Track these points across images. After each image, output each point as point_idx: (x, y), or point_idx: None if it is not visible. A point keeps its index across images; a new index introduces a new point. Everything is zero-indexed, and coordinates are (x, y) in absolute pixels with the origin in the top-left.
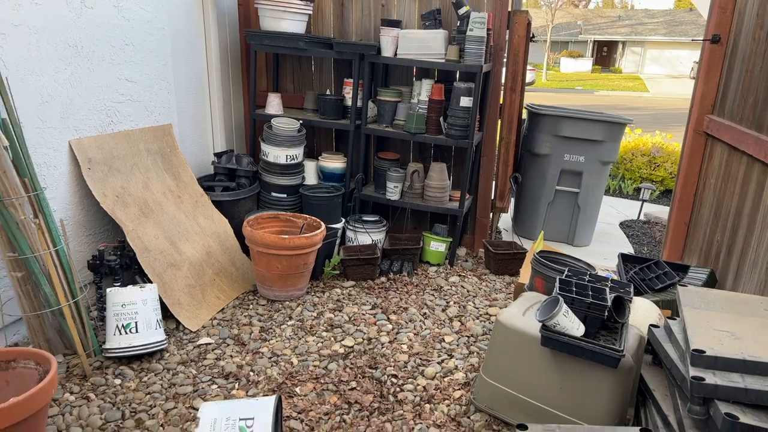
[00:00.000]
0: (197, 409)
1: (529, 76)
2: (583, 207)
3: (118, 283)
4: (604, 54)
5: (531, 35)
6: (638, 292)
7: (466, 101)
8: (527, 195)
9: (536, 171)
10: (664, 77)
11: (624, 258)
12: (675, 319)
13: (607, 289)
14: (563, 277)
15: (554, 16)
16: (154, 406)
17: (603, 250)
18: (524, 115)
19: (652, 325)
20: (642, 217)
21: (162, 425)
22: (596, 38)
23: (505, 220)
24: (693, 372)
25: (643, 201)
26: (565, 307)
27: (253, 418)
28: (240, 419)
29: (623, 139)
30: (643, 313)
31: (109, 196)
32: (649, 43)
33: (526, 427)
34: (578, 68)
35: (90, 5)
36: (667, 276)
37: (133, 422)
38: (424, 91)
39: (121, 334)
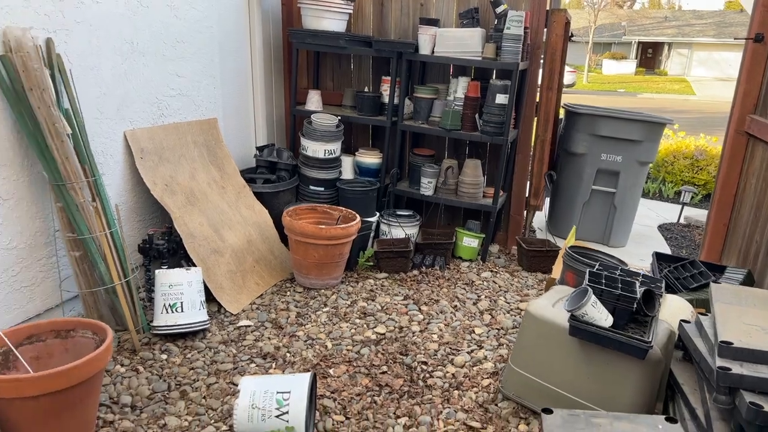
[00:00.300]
0: (237, 385)
1: (569, 78)
2: (619, 207)
3: (166, 266)
4: (649, 56)
5: (569, 34)
6: (672, 291)
7: (501, 98)
8: (562, 194)
9: (572, 170)
10: (711, 80)
11: (658, 257)
12: (707, 314)
13: (638, 283)
14: (593, 270)
15: (597, 16)
16: (197, 380)
17: (639, 251)
18: (561, 115)
19: (683, 320)
20: (682, 221)
21: (204, 398)
22: (641, 39)
23: (540, 220)
24: (720, 362)
25: (684, 204)
26: (593, 297)
27: (289, 392)
28: (277, 392)
29: (665, 142)
30: (675, 309)
31: (158, 185)
32: (696, 45)
33: (551, 411)
34: (621, 70)
35: (146, 4)
36: (702, 275)
37: (178, 393)
38: (460, 88)
39: (167, 313)
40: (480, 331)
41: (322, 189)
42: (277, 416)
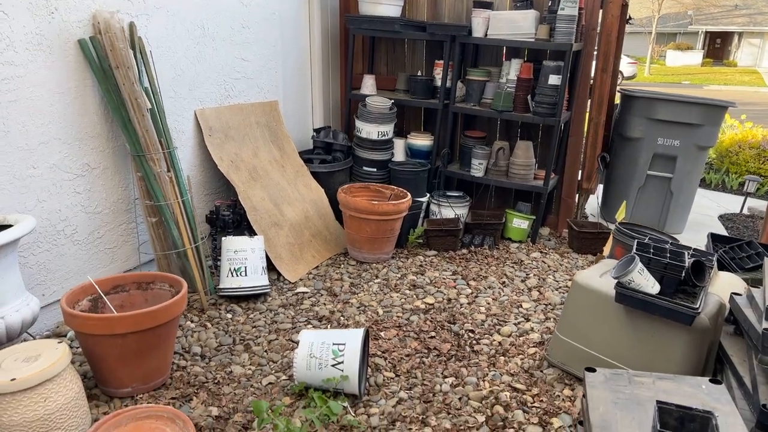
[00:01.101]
0: (296, 342)
1: (630, 70)
2: (676, 193)
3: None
4: (717, 46)
5: (627, 17)
6: (728, 271)
7: (554, 79)
8: (616, 179)
9: (627, 155)
10: None
11: (714, 238)
12: (758, 287)
13: (687, 254)
14: (642, 240)
15: (661, 5)
16: (259, 337)
17: (695, 237)
18: (617, 101)
19: (734, 293)
20: (745, 211)
21: (266, 351)
22: (708, 29)
23: (592, 206)
24: (766, 324)
25: (747, 194)
26: (640, 264)
27: (344, 344)
28: (333, 344)
29: (730, 132)
30: (728, 285)
31: (224, 161)
32: None
33: (594, 370)
34: (687, 61)
35: None
36: (759, 256)
37: (242, 347)
38: (512, 70)
39: (232, 276)
40: (527, 306)
41: (375, 170)
42: (333, 365)
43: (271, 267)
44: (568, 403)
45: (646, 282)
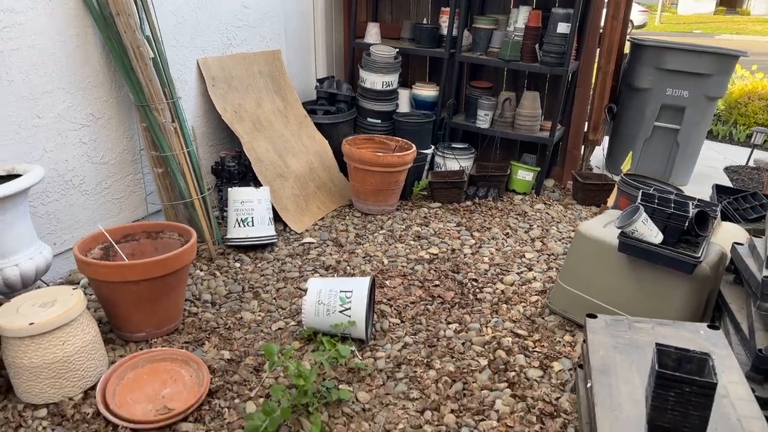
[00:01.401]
0: (303, 290)
1: (640, 18)
2: (683, 145)
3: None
4: None
5: None
6: (731, 222)
7: (563, 27)
8: (623, 131)
9: (635, 106)
10: None
11: (718, 189)
12: (760, 237)
13: (691, 204)
14: (647, 191)
15: None
16: (268, 285)
17: (700, 189)
18: (626, 51)
19: (736, 243)
20: (751, 163)
21: (275, 299)
22: None
23: (597, 158)
24: (766, 272)
25: (754, 146)
26: (644, 214)
27: (351, 291)
28: (341, 291)
29: (739, 83)
30: (730, 235)
31: (228, 111)
32: None
33: (595, 316)
34: (699, 10)
35: None
36: (762, 207)
37: (251, 294)
38: (520, 18)
39: (239, 226)
40: (530, 256)
41: (379, 121)
42: (341, 311)
43: (277, 218)
44: (569, 348)
45: (650, 232)
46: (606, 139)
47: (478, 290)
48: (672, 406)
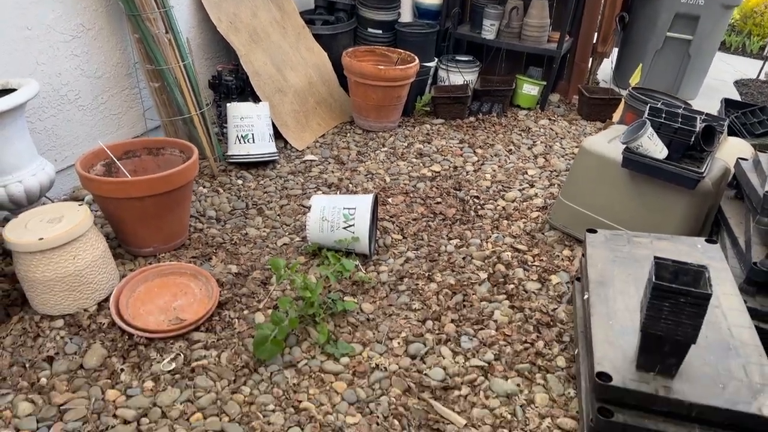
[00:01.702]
0: (307, 207)
1: None
2: (694, 56)
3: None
4: None
5: None
6: (738, 137)
7: None
8: (633, 42)
9: (646, 16)
10: None
11: (727, 103)
12: (766, 152)
13: (699, 119)
14: (654, 105)
15: None
16: (271, 202)
17: (708, 104)
18: None
19: (740, 158)
20: (762, 77)
21: (279, 215)
22: None
23: (605, 72)
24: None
25: (767, 58)
26: (650, 129)
27: (354, 208)
28: (344, 208)
29: None
30: (735, 150)
31: (223, 21)
32: None
33: (595, 231)
34: None
35: None
36: None
37: (255, 211)
38: None
39: (240, 143)
40: (533, 173)
41: (381, 32)
42: (344, 228)
43: (277, 135)
44: (567, 263)
45: (655, 147)
46: (615, 52)
47: (479, 207)
48: (666, 315)
